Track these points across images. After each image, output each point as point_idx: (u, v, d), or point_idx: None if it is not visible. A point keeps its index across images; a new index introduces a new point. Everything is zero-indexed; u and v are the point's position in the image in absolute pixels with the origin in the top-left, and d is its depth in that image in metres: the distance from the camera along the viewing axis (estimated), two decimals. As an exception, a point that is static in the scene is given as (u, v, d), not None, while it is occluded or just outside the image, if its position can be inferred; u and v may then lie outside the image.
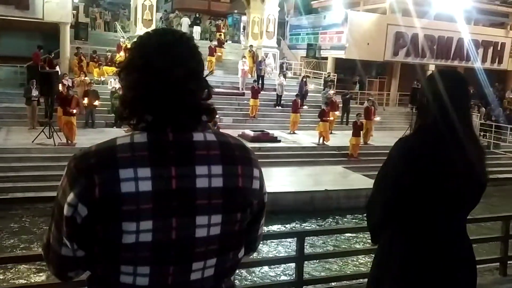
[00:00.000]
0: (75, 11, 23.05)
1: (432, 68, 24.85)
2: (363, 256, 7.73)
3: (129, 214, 1.09)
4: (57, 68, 16.61)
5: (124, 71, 1.19)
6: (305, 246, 3.80)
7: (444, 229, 1.92)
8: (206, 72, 1.27)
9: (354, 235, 9.82)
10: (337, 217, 11.68)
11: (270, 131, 16.43)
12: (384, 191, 1.95)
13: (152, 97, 1.15)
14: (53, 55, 17.62)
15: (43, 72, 14.37)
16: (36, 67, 16.65)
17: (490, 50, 26.01)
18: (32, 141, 12.89)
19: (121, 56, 18.30)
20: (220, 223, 1.18)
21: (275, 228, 10.80)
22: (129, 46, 20.21)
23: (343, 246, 9.61)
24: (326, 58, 24.44)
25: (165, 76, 1.14)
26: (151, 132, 1.16)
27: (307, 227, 10.85)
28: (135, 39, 1.25)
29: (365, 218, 2.09)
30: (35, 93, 14.55)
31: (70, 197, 1.11)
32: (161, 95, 1.14)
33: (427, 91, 1.98)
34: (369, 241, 2.16)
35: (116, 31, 24.84)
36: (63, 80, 15.39)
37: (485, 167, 2.01)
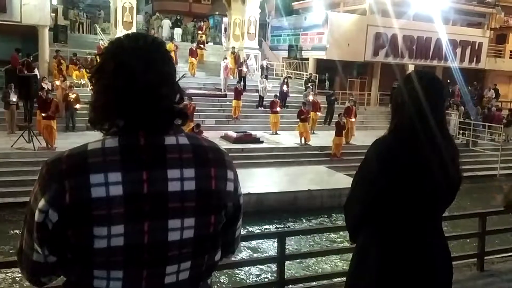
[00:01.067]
0: (54, 14, 22.73)
1: (411, 68, 25.19)
2: (345, 254, 7.80)
3: (100, 219, 1.09)
4: (36, 71, 16.38)
5: (96, 75, 1.19)
6: (288, 246, 3.84)
7: (421, 228, 1.95)
8: (178, 76, 1.27)
9: (337, 234, 9.89)
10: (321, 216, 11.75)
11: (253, 132, 16.47)
12: (361, 192, 1.98)
13: (124, 101, 1.14)
14: (31, 58, 17.38)
15: (21, 75, 14.15)
16: (14, 70, 16.35)
17: (468, 50, 26.49)
18: (11, 146, 12.69)
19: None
20: (194, 226, 1.18)
21: (259, 228, 10.83)
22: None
23: (326, 245, 9.68)
24: (307, 59, 24.59)
25: (137, 80, 1.14)
26: (123, 136, 1.15)
27: (289, 227, 10.90)
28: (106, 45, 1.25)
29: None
30: (13, 97, 14.32)
31: (41, 203, 1.11)
32: (132, 100, 1.14)
33: (402, 91, 2.02)
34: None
35: (96, 34, 24.61)
36: (42, 84, 15.18)
37: (459, 165, 2.05)
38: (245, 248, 9.06)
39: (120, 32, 20.24)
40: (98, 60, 1.21)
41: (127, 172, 1.12)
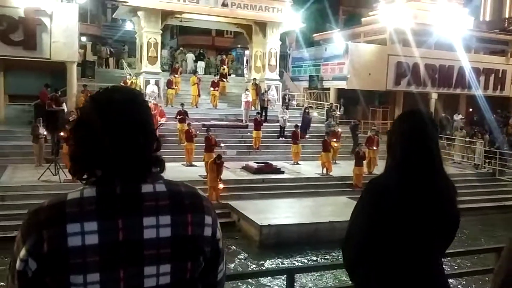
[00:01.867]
0: (82, 50, 23.61)
1: (434, 96, 25.04)
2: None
3: (76, 267, 1.14)
4: (64, 106, 16.94)
5: (74, 128, 1.27)
6: (305, 282, 3.73)
7: (418, 266, 1.96)
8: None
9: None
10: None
11: (274, 163, 16.48)
12: (356, 231, 2.01)
13: (100, 152, 1.21)
14: (59, 93, 18.01)
15: (49, 110, 14.68)
16: (43, 105, 16.99)
17: (492, 78, 26.19)
18: (38, 178, 13.04)
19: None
20: (170, 272, 1.21)
21: (280, 260, 10.74)
22: (135, 81, 20.77)
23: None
24: (328, 89, 24.74)
25: (113, 132, 1.21)
26: (100, 186, 1.21)
27: (301, 262, 10.69)
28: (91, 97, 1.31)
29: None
30: (42, 130, 14.82)
31: (22, 252, 1.17)
32: (108, 150, 1.21)
33: (394, 131, 2.07)
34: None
35: (122, 68, 25.40)
36: (69, 118, 15.66)
37: (456, 204, 2.06)
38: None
39: (145, 66, 20.90)
40: (78, 113, 1.29)
41: (103, 221, 1.17)
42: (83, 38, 27.86)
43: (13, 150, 15.65)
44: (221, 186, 13.45)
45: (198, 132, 16.46)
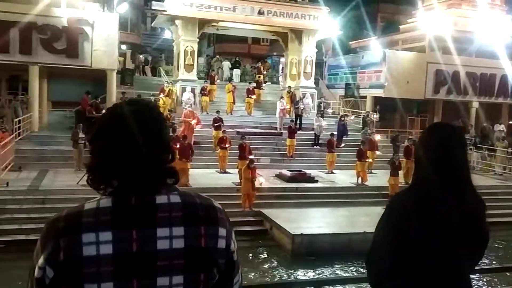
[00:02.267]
0: (122, 58, 24.26)
1: (475, 105, 24.28)
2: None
3: (91, 276, 1.16)
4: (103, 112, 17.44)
5: (92, 139, 1.30)
6: None
7: (444, 282, 1.90)
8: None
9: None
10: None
11: (308, 171, 16.37)
12: (381, 244, 1.97)
13: (116, 162, 1.24)
14: (99, 100, 18.54)
15: (89, 116, 15.14)
16: (83, 111, 17.56)
17: (537, 86, 25.17)
18: (77, 183, 13.38)
19: (162, 98, 19.39)
20: (182, 283, 1.22)
21: (310, 270, 10.63)
22: (172, 89, 21.16)
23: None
24: (365, 97, 24.42)
25: (129, 143, 1.23)
26: (116, 196, 1.24)
27: (333, 273, 10.54)
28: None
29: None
30: (81, 136, 15.29)
31: (40, 260, 1.20)
32: (124, 161, 1.23)
33: (421, 144, 2.02)
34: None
35: (160, 76, 25.93)
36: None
37: (485, 218, 1.99)
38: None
39: (182, 74, 21.28)
40: (95, 126, 1.32)
41: (118, 231, 1.19)
42: (123, 47, 28.60)
43: (54, 154, 16.19)
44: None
45: (230, 145, 16.37)
